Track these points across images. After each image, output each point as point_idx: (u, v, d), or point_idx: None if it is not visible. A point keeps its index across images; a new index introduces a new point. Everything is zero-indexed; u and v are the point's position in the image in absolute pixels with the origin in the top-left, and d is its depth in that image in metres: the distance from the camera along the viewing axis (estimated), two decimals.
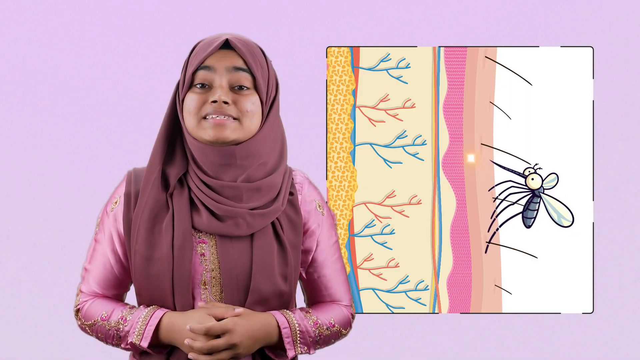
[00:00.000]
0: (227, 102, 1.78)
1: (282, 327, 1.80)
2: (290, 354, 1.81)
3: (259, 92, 1.81)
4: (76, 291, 1.91)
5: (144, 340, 1.78)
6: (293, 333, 1.80)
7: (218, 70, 1.79)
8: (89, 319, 1.86)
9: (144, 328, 1.78)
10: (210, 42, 1.81)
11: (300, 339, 1.81)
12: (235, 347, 1.74)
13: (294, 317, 1.82)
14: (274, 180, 1.84)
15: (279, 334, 1.80)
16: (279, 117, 1.88)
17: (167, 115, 1.85)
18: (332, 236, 1.93)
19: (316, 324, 1.85)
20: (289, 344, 1.80)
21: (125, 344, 1.81)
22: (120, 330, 1.81)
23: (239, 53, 1.80)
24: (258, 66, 1.82)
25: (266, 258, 1.80)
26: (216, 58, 1.80)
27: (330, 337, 1.87)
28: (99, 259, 1.88)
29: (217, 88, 1.79)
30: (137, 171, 1.88)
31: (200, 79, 1.80)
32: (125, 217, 1.84)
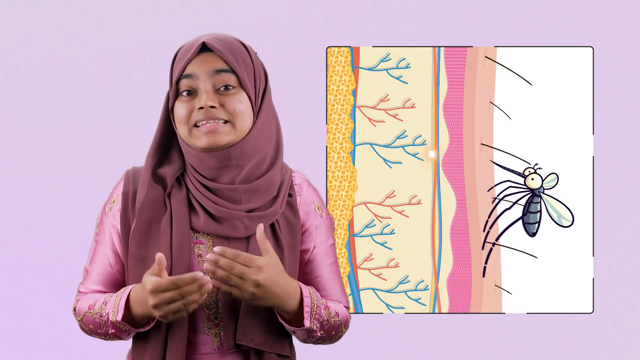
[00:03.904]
0: (213, 106, 1.76)
1: (305, 295, 1.77)
2: (306, 323, 1.76)
3: (246, 89, 1.79)
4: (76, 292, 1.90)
5: (118, 314, 1.73)
6: (313, 305, 1.77)
7: (200, 76, 1.77)
8: (80, 313, 1.84)
9: (118, 303, 1.75)
10: (188, 48, 1.80)
11: (317, 315, 1.78)
12: (259, 286, 1.70)
13: (314, 292, 1.80)
14: (272, 177, 1.83)
15: (300, 301, 1.77)
16: (272, 108, 1.86)
17: (161, 119, 1.84)
18: (329, 239, 1.91)
19: (327, 308, 1.83)
20: (307, 314, 1.76)
21: (110, 329, 1.76)
22: (103, 316, 1.77)
23: (218, 54, 1.78)
24: (240, 63, 1.79)
25: None
26: (196, 64, 1.78)
27: (333, 326, 1.84)
28: (99, 259, 1.87)
29: (202, 94, 1.77)
30: (136, 170, 1.87)
31: (185, 87, 1.78)
32: (123, 216, 1.83)
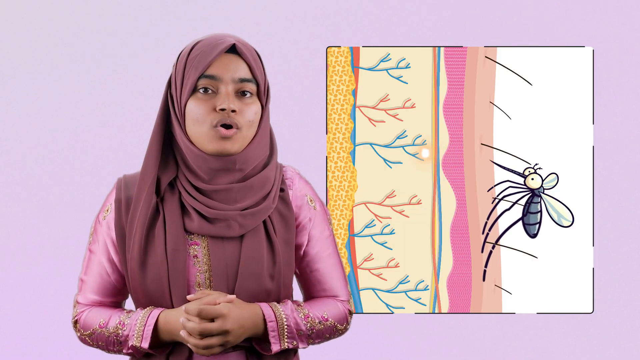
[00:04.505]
0: (235, 110, 1.77)
1: (269, 320, 1.78)
2: (274, 347, 1.78)
3: (260, 99, 1.82)
4: (73, 303, 1.91)
5: (144, 341, 1.77)
6: (280, 327, 1.78)
7: (224, 79, 1.78)
8: (87, 328, 1.85)
9: (142, 329, 1.78)
10: (213, 45, 1.79)
11: (288, 334, 1.79)
12: (227, 333, 1.73)
13: (282, 311, 1.79)
14: (267, 175, 1.84)
15: (264, 326, 1.78)
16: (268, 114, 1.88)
17: (158, 119, 1.84)
18: (325, 230, 1.91)
19: (307, 317, 1.82)
20: (274, 338, 1.78)
21: (126, 349, 1.81)
22: (119, 336, 1.80)
23: (246, 61, 1.79)
24: (261, 73, 1.82)
25: (254, 258, 1.79)
26: (222, 66, 1.78)
27: (324, 331, 1.85)
28: (94, 268, 1.88)
29: (224, 95, 1.77)
30: (127, 178, 1.87)
31: (204, 84, 1.78)
32: (117, 224, 1.84)
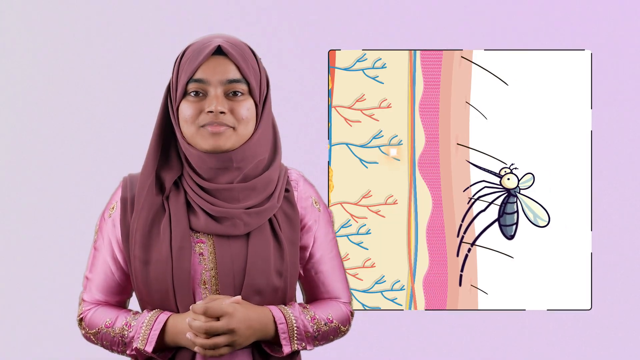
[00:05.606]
0: (223, 112, 1.78)
1: (279, 322, 1.79)
2: (285, 349, 1.79)
3: (253, 96, 1.81)
4: (78, 300, 1.91)
5: (149, 344, 1.77)
6: (290, 329, 1.80)
7: (212, 82, 1.78)
8: (93, 327, 1.86)
9: (148, 333, 1.78)
10: (199, 50, 1.80)
11: (297, 335, 1.80)
12: (233, 332, 1.73)
13: (291, 313, 1.81)
14: (270, 176, 1.84)
15: (275, 328, 1.79)
16: (271, 112, 1.88)
17: (159, 120, 1.85)
18: (329, 232, 1.93)
19: (314, 319, 1.84)
20: (285, 340, 1.79)
21: (130, 350, 1.81)
22: (125, 337, 1.81)
23: (233, 61, 1.79)
24: (251, 70, 1.81)
25: (262, 255, 1.79)
26: (209, 69, 1.78)
27: (328, 333, 1.87)
28: (99, 266, 1.88)
29: (212, 98, 1.78)
30: (133, 177, 1.88)
31: (194, 88, 1.79)
32: (123, 222, 1.84)
